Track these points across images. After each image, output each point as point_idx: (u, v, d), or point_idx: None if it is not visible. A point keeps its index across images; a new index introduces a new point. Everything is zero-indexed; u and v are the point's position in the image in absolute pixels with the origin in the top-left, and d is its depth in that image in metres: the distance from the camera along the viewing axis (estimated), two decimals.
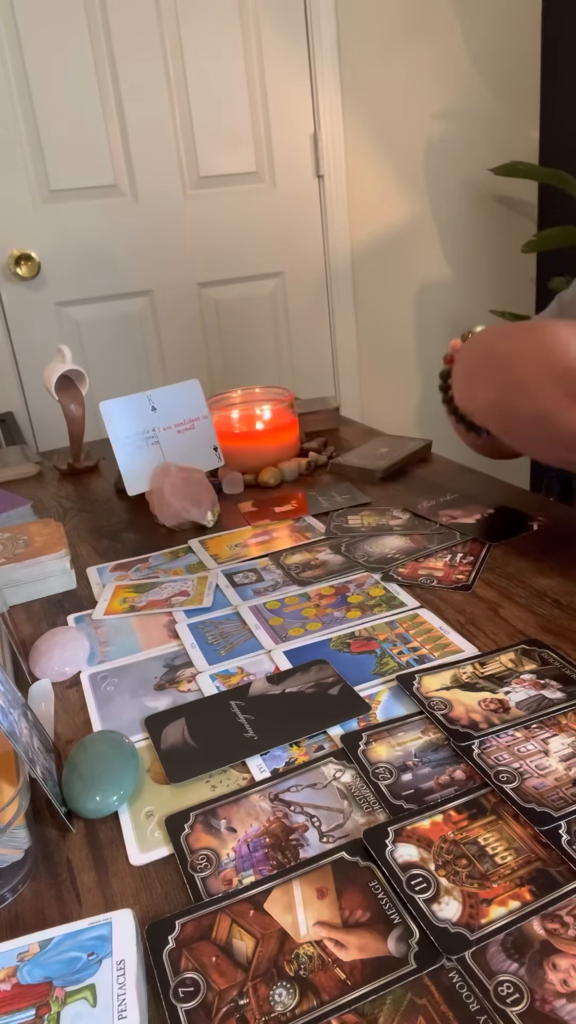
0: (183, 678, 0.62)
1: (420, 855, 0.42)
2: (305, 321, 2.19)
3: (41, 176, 1.83)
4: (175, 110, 1.90)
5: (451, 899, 0.39)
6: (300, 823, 0.46)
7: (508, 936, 0.37)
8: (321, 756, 0.51)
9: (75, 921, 0.40)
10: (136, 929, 0.39)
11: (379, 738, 0.52)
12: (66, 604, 0.78)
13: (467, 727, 0.51)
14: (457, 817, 0.44)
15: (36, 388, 1.94)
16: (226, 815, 0.47)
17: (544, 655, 0.59)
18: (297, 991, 0.36)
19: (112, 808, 0.48)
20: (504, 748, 0.49)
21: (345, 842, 0.44)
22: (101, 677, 0.64)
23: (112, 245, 1.93)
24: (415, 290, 2.28)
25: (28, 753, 0.46)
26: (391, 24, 2.01)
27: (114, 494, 1.13)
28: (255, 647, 0.65)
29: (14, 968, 0.37)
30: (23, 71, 1.75)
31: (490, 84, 2.14)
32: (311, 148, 2.05)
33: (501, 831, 0.43)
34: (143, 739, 0.55)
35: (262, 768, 0.51)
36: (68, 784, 0.49)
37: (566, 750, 0.49)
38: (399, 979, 0.36)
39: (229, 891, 0.41)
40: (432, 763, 0.49)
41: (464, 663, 0.59)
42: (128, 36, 1.80)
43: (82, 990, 0.36)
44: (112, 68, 1.81)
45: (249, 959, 0.37)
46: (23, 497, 1.05)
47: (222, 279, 2.07)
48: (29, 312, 1.90)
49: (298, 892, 0.41)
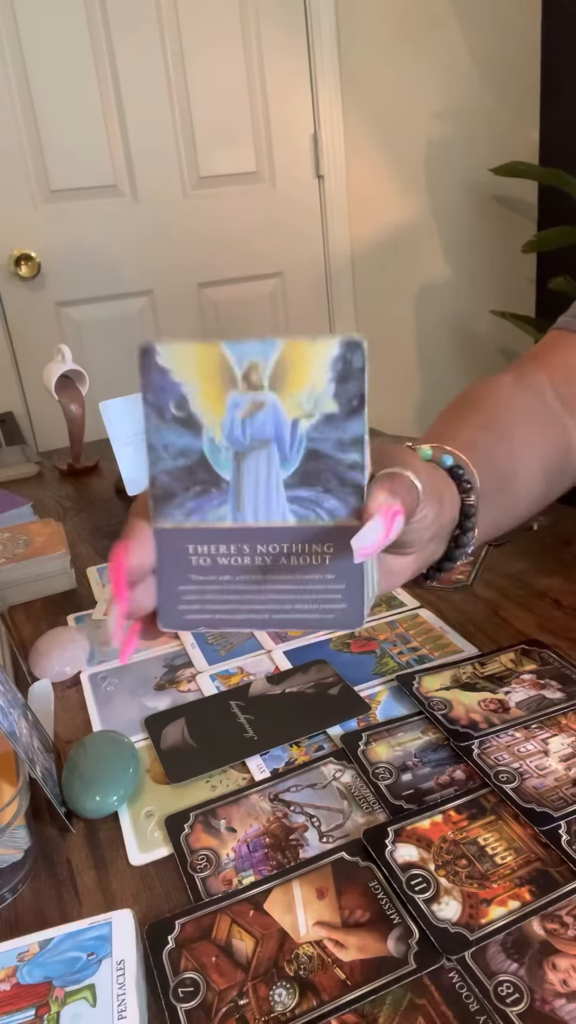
0: (183, 678, 0.62)
1: (420, 855, 0.42)
2: (305, 321, 2.19)
3: (41, 176, 1.83)
4: (175, 110, 1.89)
5: (451, 899, 0.39)
6: (300, 823, 0.46)
7: (508, 936, 0.37)
8: (321, 756, 0.51)
9: (75, 921, 0.40)
10: (136, 929, 0.39)
11: (379, 738, 0.52)
12: (66, 604, 0.78)
13: (467, 727, 0.51)
14: (457, 817, 0.44)
15: (36, 388, 1.94)
16: (226, 815, 0.47)
17: (544, 655, 0.59)
18: (297, 991, 0.36)
19: (112, 808, 0.48)
20: (504, 748, 0.49)
21: (345, 842, 0.44)
22: (101, 677, 0.64)
23: (112, 245, 1.93)
24: (415, 290, 2.28)
25: (28, 753, 0.46)
26: (391, 24, 2.01)
27: (114, 494, 1.12)
28: (255, 647, 0.65)
29: (14, 968, 0.37)
30: (23, 71, 1.75)
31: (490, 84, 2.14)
32: (311, 148, 2.05)
33: (501, 831, 0.43)
34: (143, 739, 0.55)
35: (262, 768, 0.51)
36: (68, 784, 0.49)
37: (566, 750, 0.49)
38: (399, 979, 0.36)
39: (229, 891, 0.41)
40: (432, 763, 0.49)
41: (464, 663, 0.59)
42: (128, 36, 1.80)
43: (82, 990, 0.36)
44: (112, 68, 1.81)
45: (249, 959, 0.37)
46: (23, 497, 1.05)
47: (222, 279, 2.07)
48: (29, 312, 1.90)
49: (298, 892, 0.41)
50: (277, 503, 0.31)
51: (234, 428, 0.30)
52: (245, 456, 0.31)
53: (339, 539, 0.31)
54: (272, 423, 0.30)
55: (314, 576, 0.32)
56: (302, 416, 0.30)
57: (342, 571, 0.32)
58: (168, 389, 0.30)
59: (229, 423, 0.30)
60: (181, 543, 0.32)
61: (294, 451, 0.30)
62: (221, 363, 0.29)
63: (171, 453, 0.31)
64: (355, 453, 0.30)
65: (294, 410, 0.30)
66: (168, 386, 0.30)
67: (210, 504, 0.31)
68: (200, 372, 0.29)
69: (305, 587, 0.32)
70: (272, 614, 0.33)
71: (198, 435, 0.30)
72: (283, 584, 0.32)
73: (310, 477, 0.31)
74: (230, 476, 0.31)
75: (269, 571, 0.32)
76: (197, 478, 0.31)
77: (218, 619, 0.33)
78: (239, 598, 0.33)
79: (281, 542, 0.32)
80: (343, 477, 0.30)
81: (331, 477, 0.30)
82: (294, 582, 0.32)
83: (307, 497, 0.31)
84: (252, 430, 0.30)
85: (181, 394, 0.30)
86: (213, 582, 0.33)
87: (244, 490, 0.31)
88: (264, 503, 0.31)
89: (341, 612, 0.32)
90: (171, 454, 0.31)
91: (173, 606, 0.33)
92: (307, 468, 0.31)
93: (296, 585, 0.32)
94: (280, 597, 0.32)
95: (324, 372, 0.29)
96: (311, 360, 0.29)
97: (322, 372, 0.29)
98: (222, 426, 0.30)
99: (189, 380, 0.30)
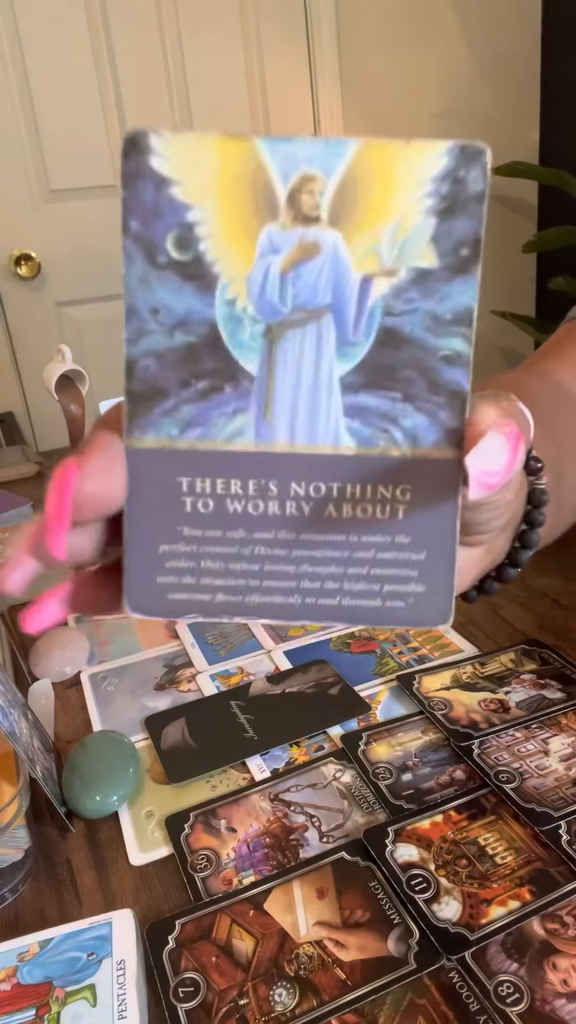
0: (183, 678, 0.62)
1: (420, 855, 0.42)
2: None
3: (41, 176, 1.83)
4: (175, 110, 1.89)
5: (451, 899, 0.39)
6: (300, 823, 0.46)
7: (508, 936, 0.37)
8: (321, 756, 0.51)
9: (75, 921, 0.40)
10: (136, 929, 0.39)
11: (379, 738, 0.52)
12: None
13: (467, 727, 0.51)
14: (457, 817, 0.44)
15: (36, 388, 1.94)
16: (226, 815, 0.47)
17: (544, 655, 0.59)
18: (297, 991, 0.36)
19: (112, 808, 0.48)
20: (504, 748, 0.49)
21: (345, 842, 0.44)
22: (101, 677, 0.64)
23: (112, 245, 1.92)
24: None
25: (28, 753, 0.46)
26: (391, 24, 2.01)
27: None
28: (255, 647, 0.65)
29: (14, 968, 0.37)
30: (23, 71, 1.75)
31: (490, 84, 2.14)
32: None
33: (501, 831, 0.43)
34: (143, 739, 0.55)
35: (262, 768, 0.51)
36: (68, 784, 0.49)
37: (566, 750, 0.49)
38: (399, 979, 0.36)
39: (229, 891, 0.41)
40: (432, 763, 0.49)
41: (464, 663, 0.59)
42: (128, 36, 1.80)
43: (82, 990, 0.36)
44: (112, 68, 1.81)
45: (249, 959, 0.37)
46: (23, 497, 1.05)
47: None
48: (29, 312, 1.90)
49: (298, 892, 0.41)
50: (328, 415, 0.20)
51: (268, 286, 0.20)
52: (283, 334, 0.20)
53: (423, 479, 0.20)
54: (330, 281, 0.19)
55: (378, 538, 0.21)
56: (378, 272, 0.19)
57: (424, 532, 0.21)
58: (164, 213, 0.19)
59: (261, 277, 0.19)
60: (169, 473, 0.21)
61: (361, 330, 0.20)
62: (254, 174, 0.19)
63: (163, 322, 0.19)
64: (458, 338, 0.19)
65: (367, 261, 0.19)
66: (165, 207, 0.19)
67: (221, 411, 0.20)
68: (219, 187, 0.19)
69: (362, 555, 0.21)
70: (306, 597, 0.21)
71: (209, 294, 0.19)
72: (328, 549, 0.21)
73: (384, 375, 0.20)
74: (256, 366, 0.20)
75: (307, 527, 0.21)
76: (202, 367, 0.20)
77: (219, 603, 0.21)
78: (256, 569, 0.21)
79: (330, 480, 0.21)
80: (436, 377, 0.20)
81: (417, 376, 0.20)
82: (346, 546, 0.21)
83: (376, 408, 0.20)
84: (297, 291, 0.20)
85: (185, 222, 0.19)
86: (216, 540, 0.21)
87: (276, 391, 0.20)
88: (308, 414, 0.20)
89: (417, 599, 0.21)
90: (163, 324, 0.19)
91: (148, 576, 0.21)
92: (380, 360, 0.20)
93: (348, 551, 0.21)
94: (322, 570, 0.21)
95: (419, 199, 0.19)
96: (400, 178, 0.19)
97: (416, 199, 0.19)
98: (249, 282, 0.19)
99: (200, 199, 0.19)
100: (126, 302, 0.19)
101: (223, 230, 0.19)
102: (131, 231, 0.19)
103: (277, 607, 0.21)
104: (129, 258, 0.19)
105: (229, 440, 0.20)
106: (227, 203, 0.19)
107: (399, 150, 0.19)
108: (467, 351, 0.19)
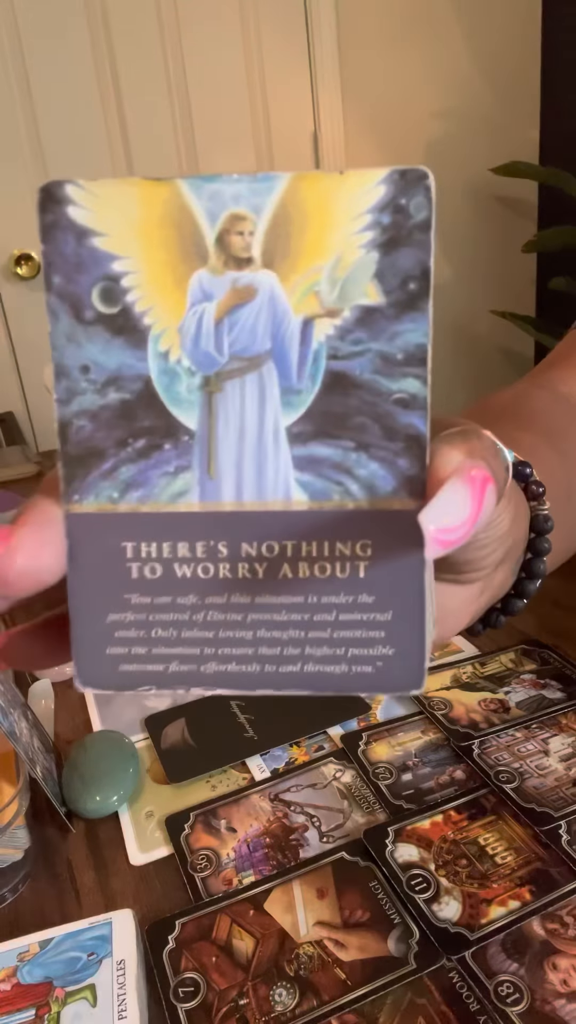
0: None
1: (420, 855, 0.42)
2: None
3: (41, 176, 1.82)
4: (175, 110, 1.90)
5: (451, 899, 0.39)
6: (300, 823, 0.46)
7: (508, 936, 0.37)
8: (321, 756, 0.51)
9: (75, 921, 0.40)
10: (136, 929, 0.39)
11: (379, 738, 0.52)
12: None
13: (467, 727, 0.51)
14: (457, 817, 0.44)
15: (36, 388, 1.94)
16: (226, 815, 0.47)
17: (544, 655, 0.59)
18: (297, 991, 0.36)
19: (112, 808, 0.48)
20: (504, 748, 0.49)
21: (345, 842, 0.44)
22: None
23: None
24: None
25: (28, 753, 0.46)
26: (391, 24, 2.01)
27: None
28: None
29: (14, 968, 0.37)
30: (23, 71, 1.75)
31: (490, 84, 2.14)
32: (311, 147, 2.05)
33: (501, 831, 0.43)
34: (143, 739, 0.55)
35: (262, 768, 0.51)
36: (68, 784, 0.49)
37: (566, 750, 0.49)
38: (399, 979, 0.36)
39: (229, 891, 0.41)
40: (432, 763, 0.49)
41: (464, 663, 0.59)
42: (128, 36, 1.80)
43: (82, 990, 0.36)
44: (112, 68, 1.81)
45: (249, 959, 0.37)
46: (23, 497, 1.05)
47: None
48: (29, 312, 1.90)
49: (298, 892, 0.41)
50: (276, 469, 0.19)
51: (202, 335, 0.18)
52: (221, 385, 0.18)
53: (383, 533, 0.19)
54: (268, 325, 0.18)
55: (339, 598, 0.19)
56: (320, 313, 0.18)
57: (389, 590, 0.19)
58: (88, 265, 0.18)
59: (194, 326, 0.18)
60: (112, 539, 0.19)
61: (306, 376, 0.18)
62: (179, 217, 0.17)
63: (94, 380, 0.18)
64: (412, 379, 0.18)
65: (306, 302, 0.18)
66: (87, 260, 0.18)
67: (162, 470, 0.19)
68: (144, 234, 0.18)
69: (323, 617, 0.19)
70: (265, 664, 0.20)
71: (141, 348, 0.18)
72: (286, 612, 0.19)
73: (334, 423, 0.18)
74: (196, 422, 0.19)
75: (262, 589, 0.19)
76: (139, 425, 0.18)
77: (173, 674, 0.20)
78: (211, 636, 0.20)
79: (283, 538, 0.19)
80: (391, 422, 0.18)
81: (370, 423, 0.18)
82: (305, 608, 0.19)
83: (328, 458, 0.19)
84: (233, 338, 0.18)
85: (111, 273, 0.18)
86: (166, 607, 0.19)
87: (220, 446, 0.19)
88: (254, 469, 0.19)
89: (386, 662, 0.19)
90: (94, 382, 0.18)
91: (97, 648, 0.20)
92: (329, 406, 0.18)
93: (307, 614, 0.19)
94: (280, 635, 0.19)
95: (359, 232, 0.17)
96: (337, 211, 0.17)
97: (355, 232, 0.17)
98: (181, 332, 0.18)
99: (124, 248, 0.18)
100: (54, 361, 0.18)
101: (151, 279, 0.18)
102: (54, 286, 0.18)
103: (235, 676, 0.20)
104: (54, 315, 0.18)
105: (173, 501, 0.19)
106: (154, 250, 0.18)
107: (333, 182, 0.17)
108: (423, 392, 0.18)
